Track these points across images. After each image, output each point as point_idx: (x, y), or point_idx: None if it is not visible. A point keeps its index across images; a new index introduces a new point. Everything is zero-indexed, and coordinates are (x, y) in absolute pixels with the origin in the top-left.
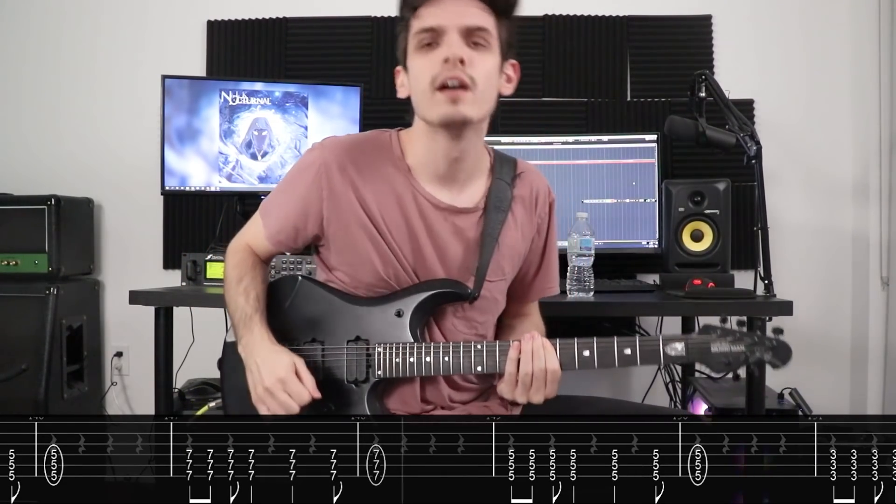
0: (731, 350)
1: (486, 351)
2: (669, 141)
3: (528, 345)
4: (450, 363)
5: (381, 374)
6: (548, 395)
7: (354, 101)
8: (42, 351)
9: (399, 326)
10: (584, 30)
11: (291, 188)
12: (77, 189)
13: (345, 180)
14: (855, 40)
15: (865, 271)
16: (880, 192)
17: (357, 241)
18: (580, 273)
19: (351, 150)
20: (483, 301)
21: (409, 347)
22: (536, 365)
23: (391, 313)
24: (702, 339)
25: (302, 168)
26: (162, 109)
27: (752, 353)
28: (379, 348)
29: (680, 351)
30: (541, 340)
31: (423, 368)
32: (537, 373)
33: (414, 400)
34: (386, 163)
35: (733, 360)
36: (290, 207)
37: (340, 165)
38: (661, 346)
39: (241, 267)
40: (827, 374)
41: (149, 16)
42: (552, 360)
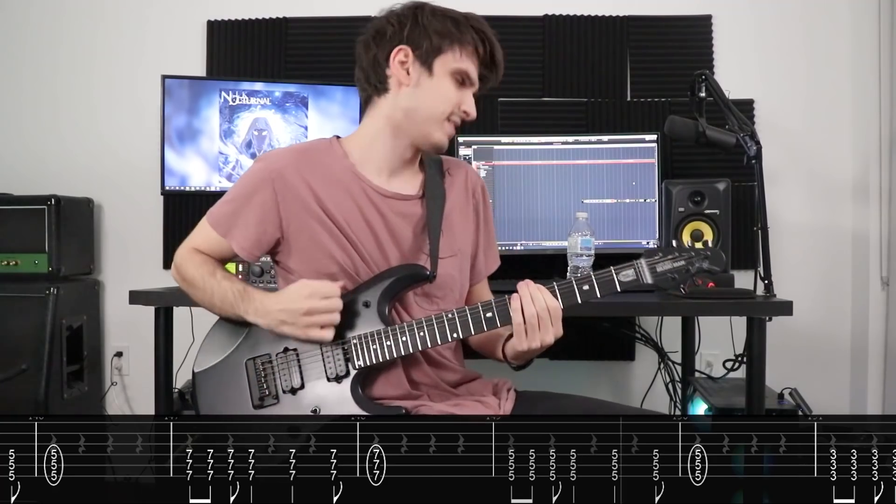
0: (674, 266)
1: (458, 317)
2: (669, 141)
3: (525, 290)
4: (426, 336)
5: (360, 365)
6: (556, 333)
7: (354, 101)
8: (42, 351)
9: (369, 316)
10: (584, 30)
11: (247, 199)
12: (77, 189)
13: (296, 180)
14: (855, 40)
15: (865, 271)
16: (880, 192)
17: (316, 236)
18: (580, 273)
19: (296, 155)
20: (440, 278)
21: (383, 332)
22: (538, 305)
23: (359, 306)
24: (648, 262)
25: (252, 179)
26: (162, 109)
27: (692, 265)
28: (354, 340)
29: (632, 276)
30: (534, 285)
31: (401, 348)
32: (541, 312)
33: (401, 383)
34: (331, 160)
35: (678, 275)
36: (251, 218)
37: (289, 169)
38: (615, 276)
39: (207, 264)
40: (827, 374)
41: (149, 16)
42: (550, 298)
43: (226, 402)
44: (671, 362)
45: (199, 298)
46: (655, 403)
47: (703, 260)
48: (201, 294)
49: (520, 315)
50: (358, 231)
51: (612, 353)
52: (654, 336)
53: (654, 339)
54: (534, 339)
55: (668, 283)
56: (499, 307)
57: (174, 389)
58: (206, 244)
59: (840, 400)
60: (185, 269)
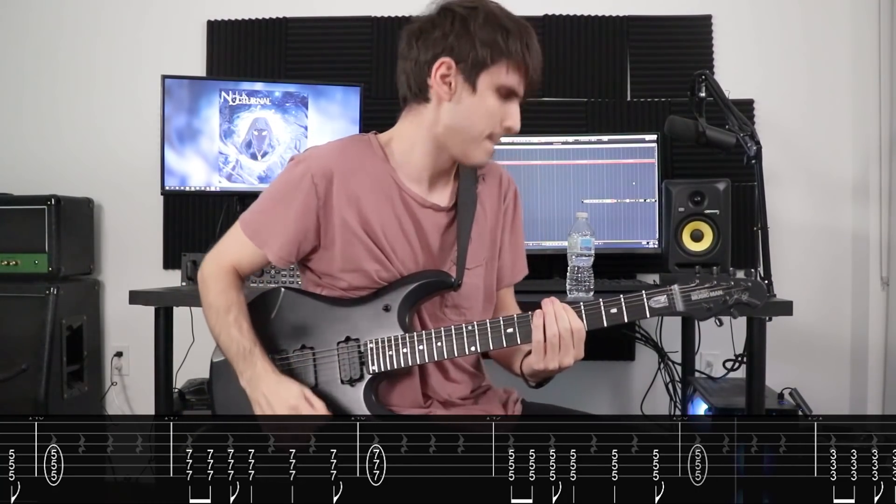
0: (711, 296)
1: (478, 330)
2: (669, 141)
3: (550, 307)
4: (443, 347)
5: (375, 370)
6: (576, 356)
7: (354, 101)
8: (42, 351)
9: (388, 320)
10: (584, 30)
11: (285, 206)
12: (77, 189)
13: (335, 187)
14: (855, 40)
15: (865, 271)
16: (880, 192)
17: (351, 249)
18: (580, 273)
19: (336, 157)
20: (466, 287)
21: (400, 339)
22: (562, 325)
23: (378, 309)
24: (682, 290)
25: (291, 184)
26: (162, 109)
27: (730, 296)
28: (371, 344)
29: (663, 303)
30: (559, 303)
31: (417, 357)
32: (563, 333)
33: (415, 395)
34: (371, 163)
35: (714, 305)
36: (291, 226)
37: (328, 173)
38: (646, 301)
39: (228, 295)
40: (827, 374)
41: (149, 16)
42: (575, 319)
43: (239, 395)
44: (671, 362)
45: (209, 324)
46: (655, 403)
47: (744, 292)
48: (212, 323)
49: (541, 333)
50: (394, 242)
51: (612, 353)
52: (654, 336)
53: (654, 339)
54: (552, 359)
55: (700, 314)
56: (521, 323)
57: (174, 389)
58: (238, 254)
59: (840, 400)
60: (207, 287)
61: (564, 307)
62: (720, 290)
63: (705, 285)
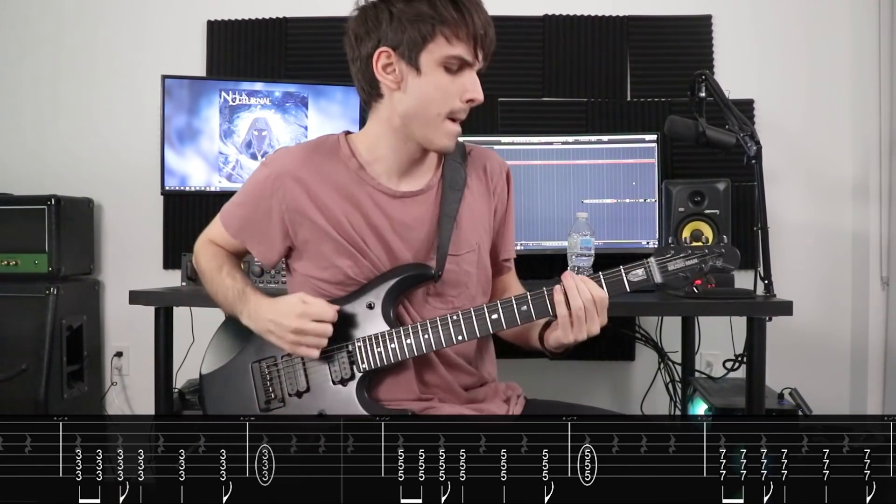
0: (687, 264)
1: (463, 319)
2: (669, 141)
3: (571, 282)
4: (430, 339)
5: (366, 368)
6: (602, 322)
7: (354, 101)
8: (42, 351)
9: (373, 318)
10: (584, 30)
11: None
12: (77, 189)
13: (299, 190)
14: (855, 40)
15: (865, 271)
16: (880, 192)
17: (321, 248)
18: (580, 273)
19: (300, 160)
20: (452, 275)
21: (387, 334)
22: (584, 296)
23: (363, 307)
24: (658, 261)
25: (257, 187)
26: (162, 109)
27: (705, 263)
28: (359, 343)
29: (641, 276)
30: (577, 276)
31: (405, 351)
32: (587, 304)
33: (410, 385)
34: (336, 164)
35: (690, 273)
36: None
37: (293, 177)
38: (624, 276)
39: (218, 257)
40: (827, 373)
41: (149, 16)
42: (596, 289)
43: (232, 405)
44: (671, 362)
45: (208, 291)
46: (655, 403)
47: (718, 258)
48: (209, 287)
49: (564, 307)
50: (365, 237)
51: (611, 353)
52: (654, 336)
53: (654, 339)
54: (580, 331)
55: (678, 283)
56: (535, 299)
57: (174, 389)
58: (220, 239)
59: (840, 400)
60: (199, 259)
61: (583, 278)
62: (695, 258)
63: (680, 255)
